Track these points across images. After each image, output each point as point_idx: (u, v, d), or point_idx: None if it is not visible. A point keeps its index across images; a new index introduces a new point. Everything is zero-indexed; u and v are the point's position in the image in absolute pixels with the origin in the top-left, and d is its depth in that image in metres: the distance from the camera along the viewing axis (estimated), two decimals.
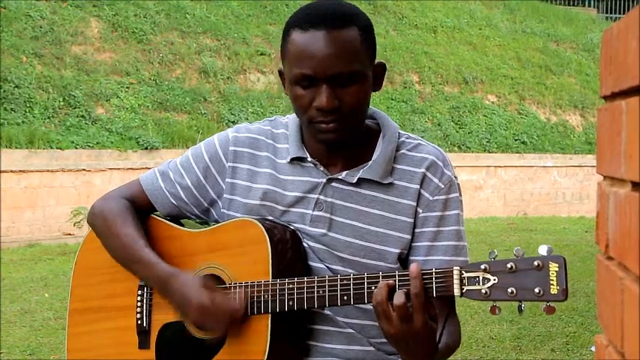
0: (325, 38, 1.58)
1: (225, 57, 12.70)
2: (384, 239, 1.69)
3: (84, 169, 9.93)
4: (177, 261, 1.75)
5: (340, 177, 1.71)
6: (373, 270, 1.64)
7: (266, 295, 1.62)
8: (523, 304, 1.47)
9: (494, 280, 1.47)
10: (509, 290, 1.45)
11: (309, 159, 1.72)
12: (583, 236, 9.45)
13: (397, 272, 1.53)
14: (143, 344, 1.78)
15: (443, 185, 1.71)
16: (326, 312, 1.69)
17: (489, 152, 13.34)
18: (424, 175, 1.71)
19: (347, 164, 1.72)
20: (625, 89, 0.88)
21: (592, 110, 15.13)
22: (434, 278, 1.49)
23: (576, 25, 18.02)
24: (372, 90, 1.69)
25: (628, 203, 0.86)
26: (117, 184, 1.96)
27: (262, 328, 1.63)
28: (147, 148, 10.59)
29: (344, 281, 1.57)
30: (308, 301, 1.60)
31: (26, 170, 9.51)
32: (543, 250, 1.45)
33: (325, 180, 1.71)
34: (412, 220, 1.70)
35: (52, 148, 9.86)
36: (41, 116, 10.28)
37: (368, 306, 1.62)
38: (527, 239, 9.03)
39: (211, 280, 1.70)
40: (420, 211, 1.70)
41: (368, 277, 1.55)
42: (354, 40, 1.60)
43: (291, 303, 1.61)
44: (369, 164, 1.70)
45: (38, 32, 11.27)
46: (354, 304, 1.59)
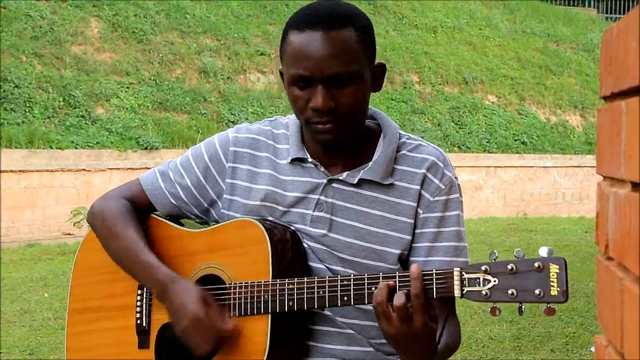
0: (321, 39, 1.58)
1: (225, 57, 12.70)
2: (385, 240, 1.69)
3: (84, 169, 9.93)
4: (176, 261, 1.75)
5: (341, 178, 1.71)
6: (373, 271, 1.64)
7: (266, 296, 1.62)
8: (523, 306, 1.47)
9: (494, 282, 1.47)
10: (509, 292, 1.45)
11: (309, 159, 1.72)
12: (583, 236, 9.44)
13: (397, 273, 1.53)
14: (143, 344, 1.77)
15: (443, 186, 1.71)
16: (326, 312, 1.69)
17: (489, 152, 13.35)
18: (425, 176, 1.71)
19: (347, 165, 1.72)
20: (625, 89, 0.88)
21: (592, 110, 15.13)
22: (434, 279, 1.49)
23: (576, 26, 18.03)
24: (373, 90, 1.68)
25: (628, 203, 0.86)
26: (117, 184, 1.96)
27: (262, 328, 1.63)
28: (147, 148, 10.59)
29: (344, 282, 1.57)
30: (308, 302, 1.60)
31: (26, 170, 9.52)
32: (544, 252, 1.45)
33: (326, 181, 1.71)
34: (412, 221, 1.70)
35: (52, 148, 9.86)
36: (41, 116, 10.28)
37: (368, 307, 1.62)
38: (527, 239, 9.02)
39: (212, 281, 1.70)
40: (421, 212, 1.70)
41: (368, 278, 1.55)
42: (351, 41, 1.59)
43: (291, 303, 1.60)
44: (370, 165, 1.70)
45: (38, 32, 11.27)
46: (354, 305, 1.59)
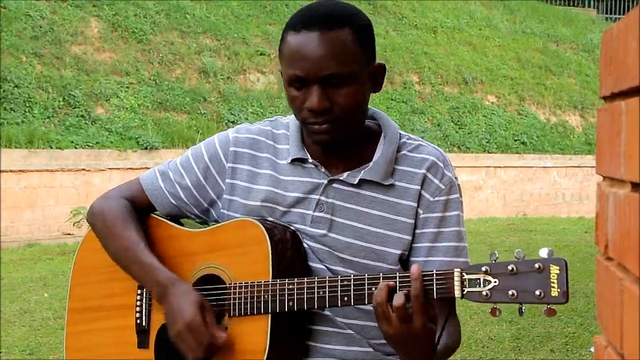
0: (317, 39, 1.58)
1: (225, 57, 12.69)
2: (385, 240, 1.69)
3: (83, 169, 9.93)
4: (176, 261, 1.75)
5: (341, 178, 1.71)
6: (374, 271, 1.65)
7: (266, 296, 1.62)
8: (524, 307, 1.47)
9: (494, 282, 1.47)
10: (509, 292, 1.45)
11: (309, 160, 1.72)
12: (582, 237, 9.44)
13: (398, 273, 1.53)
14: (142, 344, 1.77)
15: (443, 186, 1.71)
16: (325, 313, 1.69)
17: (489, 153, 13.34)
18: (425, 176, 1.71)
19: (348, 165, 1.72)
20: (625, 90, 0.88)
21: (592, 111, 15.13)
22: (434, 280, 1.49)
23: (576, 26, 18.02)
24: (372, 91, 1.68)
25: (627, 204, 0.86)
26: (116, 184, 1.96)
27: (262, 328, 1.63)
28: (146, 148, 10.59)
29: (344, 282, 1.57)
30: (308, 302, 1.60)
31: (26, 170, 9.51)
32: (544, 253, 1.46)
33: (326, 181, 1.71)
34: (413, 221, 1.70)
35: (52, 148, 9.86)
36: (41, 116, 10.27)
37: (367, 307, 1.62)
38: (526, 240, 9.02)
39: (211, 281, 1.70)
40: (421, 212, 1.70)
41: (368, 278, 1.55)
42: (347, 41, 1.59)
43: (291, 303, 1.60)
44: (370, 165, 1.70)
45: (38, 32, 11.26)
46: (355, 305, 1.59)
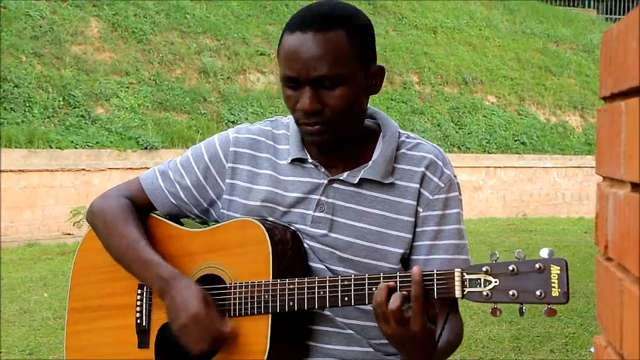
0: (310, 40, 1.58)
1: (225, 57, 12.69)
2: (386, 239, 1.69)
3: (83, 169, 9.93)
4: (176, 260, 1.74)
5: (341, 178, 1.71)
6: (375, 270, 1.65)
7: (266, 296, 1.62)
8: (524, 307, 1.47)
9: (495, 283, 1.47)
10: (510, 292, 1.45)
11: (309, 160, 1.72)
12: (582, 237, 9.44)
13: (398, 273, 1.54)
14: (142, 343, 1.77)
15: (443, 184, 1.71)
16: (326, 312, 1.69)
17: (489, 153, 13.34)
18: (424, 174, 1.71)
19: (347, 165, 1.72)
20: (624, 90, 0.88)
21: (592, 111, 15.12)
22: (435, 280, 1.49)
23: (576, 26, 18.02)
24: (371, 93, 1.68)
25: (627, 204, 0.86)
26: (116, 184, 1.96)
27: (262, 329, 1.63)
28: (146, 148, 10.59)
29: (345, 282, 1.57)
30: (309, 302, 1.60)
31: (26, 170, 9.51)
32: (545, 253, 1.46)
33: (326, 181, 1.71)
34: (413, 220, 1.70)
35: (52, 148, 9.86)
36: (41, 116, 10.27)
37: (367, 307, 1.62)
38: (526, 240, 9.02)
39: (212, 281, 1.70)
40: (421, 210, 1.70)
41: (369, 278, 1.55)
42: (340, 43, 1.59)
43: (291, 303, 1.60)
44: (370, 164, 1.70)
45: (38, 32, 11.26)
46: (355, 305, 1.59)
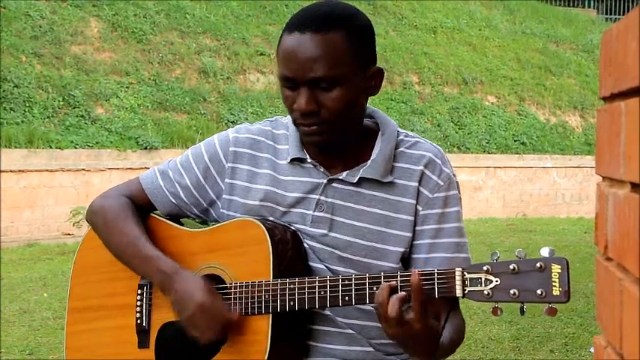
0: (307, 41, 1.58)
1: (224, 57, 12.69)
2: (385, 238, 1.69)
3: (83, 169, 9.93)
4: (177, 260, 1.74)
5: (341, 177, 1.71)
6: (375, 269, 1.65)
7: (267, 295, 1.62)
8: (525, 306, 1.47)
9: (496, 282, 1.47)
10: (511, 292, 1.46)
11: (308, 160, 1.72)
12: (582, 237, 9.44)
13: (399, 273, 1.54)
14: (142, 343, 1.77)
15: (442, 183, 1.71)
16: (326, 312, 1.69)
17: (489, 153, 13.34)
18: (422, 173, 1.71)
19: (347, 164, 1.72)
20: (624, 90, 0.88)
21: (591, 111, 15.12)
22: (436, 279, 1.50)
23: (576, 26, 18.02)
24: (369, 95, 1.68)
25: (627, 204, 0.86)
26: (116, 184, 1.96)
27: (263, 328, 1.63)
28: (146, 148, 10.58)
29: (345, 282, 1.57)
30: (309, 302, 1.60)
31: (25, 170, 9.51)
32: (545, 252, 1.46)
33: (326, 181, 1.71)
34: (412, 218, 1.70)
35: (52, 148, 9.85)
36: (40, 116, 10.27)
37: (368, 307, 1.62)
38: (526, 240, 9.02)
39: (212, 281, 1.70)
40: (420, 209, 1.70)
41: (370, 278, 1.55)
42: (338, 45, 1.58)
43: (292, 303, 1.61)
44: (369, 163, 1.70)
45: (38, 32, 11.26)
46: (356, 305, 1.59)
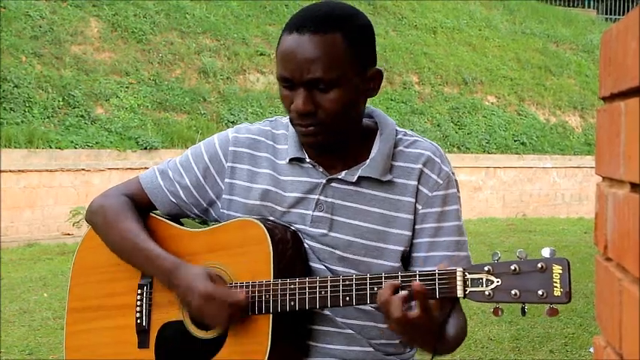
0: (306, 42, 1.58)
1: (224, 57, 12.69)
2: (385, 237, 1.69)
3: (83, 169, 9.93)
4: None
5: (340, 177, 1.71)
6: (375, 268, 1.65)
7: (267, 295, 1.62)
8: (526, 306, 1.47)
9: (497, 282, 1.47)
10: (512, 292, 1.46)
11: (307, 160, 1.72)
12: (582, 237, 9.44)
13: (400, 273, 1.54)
14: (142, 343, 1.77)
15: (441, 181, 1.71)
16: (326, 312, 1.69)
17: (489, 153, 13.34)
18: (421, 171, 1.71)
19: (346, 164, 1.72)
20: (624, 90, 0.88)
21: (591, 111, 15.12)
22: (437, 279, 1.50)
23: (576, 26, 18.02)
24: (368, 96, 1.68)
25: (627, 204, 0.86)
26: (116, 184, 1.96)
27: (263, 328, 1.63)
28: (146, 148, 10.58)
29: (346, 282, 1.57)
30: (310, 302, 1.60)
31: (25, 170, 9.51)
32: (546, 253, 1.46)
33: (325, 180, 1.71)
34: (412, 217, 1.70)
35: (52, 148, 9.86)
36: (40, 116, 10.27)
37: (368, 307, 1.62)
38: (526, 240, 9.03)
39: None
40: (420, 208, 1.70)
41: (370, 278, 1.56)
42: (336, 46, 1.58)
43: (292, 303, 1.61)
44: (368, 162, 1.70)
45: (38, 32, 11.26)
46: (356, 305, 1.59)
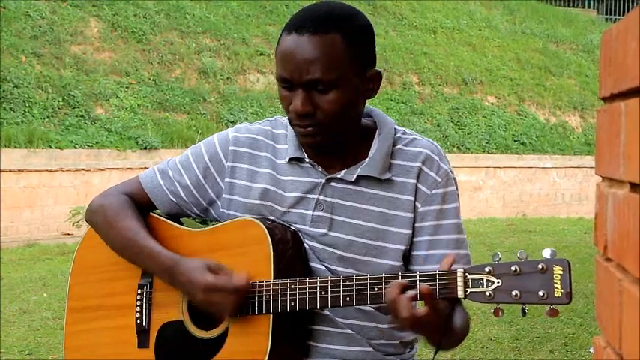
0: (305, 43, 1.58)
1: (224, 57, 12.69)
2: (385, 236, 1.69)
3: (83, 169, 9.93)
4: None
5: (339, 176, 1.71)
6: (375, 268, 1.65)
7: (267, 295, 1.62)
8: (526, 307, 1.47)
9: (498, 283, 1.47)
10: (513, 293, 1.45)
11: (306, 159, 1.72)
12: (582, 237, 9.44)
13: (400, 273, 1.55)
14: (142, 343, 1.77)
15: (440, 179, 1.71)
16: (326, 312, 1.69)
17: (489, 153, 13.34)
18: (420, 170, 1.71)
19: (345, 163, 1.72)
20: (624, 90, 0.88)
21: (591, 111, 15.12)
22: (437, 280, 1.50)
23: (576, 27, 18.02)
24: (367, 97, 1.68)
25: (626, 204, 0.86)
26: (115, 184, 1.96)
27: (264, 328, 1.63)
28: (146, 148, 10.59)
29: (346, 282, 1.57)
30: (310, 302, 1.60)
31: (25, 170, 9.51)
32: (547, 253, 1.46)
33: (324, 180, 1.71)
34: (412, 215, 1.70)
35: (52, 148, 9.86)
36: (40, 116, 10.27)
37: (368, 307, 1.62)
38: (526, 240, 9.03)
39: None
40: (419, 206, 1.70)
41: (371, 278, 1.56)
42: (335, 47, 1.58)
43: (292, 303, 1.61)
44: (367, 161, 1.70)
45: (38, 32, 11.26)
46: (357, 305, 1.59)
